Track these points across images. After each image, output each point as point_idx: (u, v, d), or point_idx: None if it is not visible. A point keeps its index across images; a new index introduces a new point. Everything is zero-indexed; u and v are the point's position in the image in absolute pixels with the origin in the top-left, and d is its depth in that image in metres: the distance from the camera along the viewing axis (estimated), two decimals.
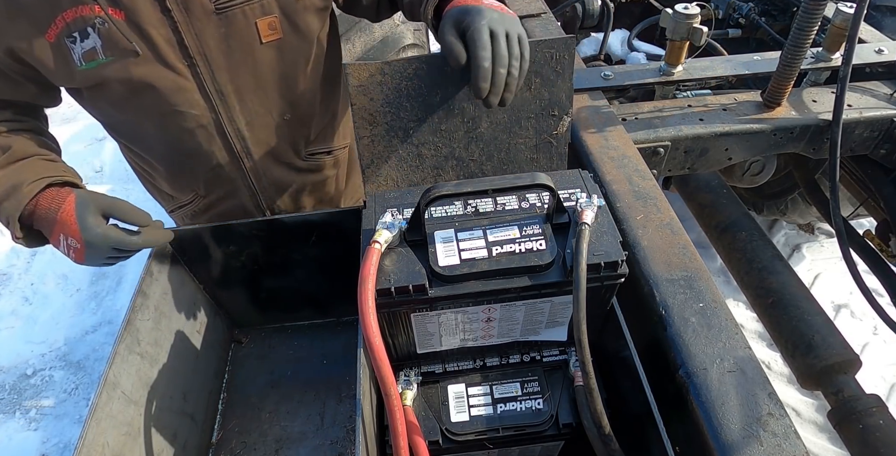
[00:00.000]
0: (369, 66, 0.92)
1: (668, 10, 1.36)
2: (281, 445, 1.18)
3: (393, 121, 0.96)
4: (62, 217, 0.93)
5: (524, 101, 0.98)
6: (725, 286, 2.36)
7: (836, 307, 2.33)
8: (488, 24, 0.83)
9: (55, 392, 2.26)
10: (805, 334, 1.29)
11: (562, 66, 0.96)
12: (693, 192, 1.82)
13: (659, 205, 1.04)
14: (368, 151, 0.98)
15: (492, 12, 0.85)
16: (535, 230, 0.81)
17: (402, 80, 0.94)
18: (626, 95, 1.84)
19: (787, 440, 0.72)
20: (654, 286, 0.90)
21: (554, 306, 0.84)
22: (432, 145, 0.99)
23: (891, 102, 1.38)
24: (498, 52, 0.82)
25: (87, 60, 0.95)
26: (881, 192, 1.51)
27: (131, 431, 0.94)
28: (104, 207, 0.95)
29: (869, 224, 2.35)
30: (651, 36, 2.30)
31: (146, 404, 0.99)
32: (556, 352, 0.97)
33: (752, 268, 1.51)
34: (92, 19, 0.91)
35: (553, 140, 1.01)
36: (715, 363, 0.80)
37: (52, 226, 0.94)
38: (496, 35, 0.83)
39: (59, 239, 0.94)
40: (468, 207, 0.85)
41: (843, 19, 1.35)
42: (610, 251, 0.79)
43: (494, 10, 0.86)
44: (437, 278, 0.78)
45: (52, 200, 0.95)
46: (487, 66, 0.82)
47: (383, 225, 0.80)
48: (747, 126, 1.33)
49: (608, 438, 0.79)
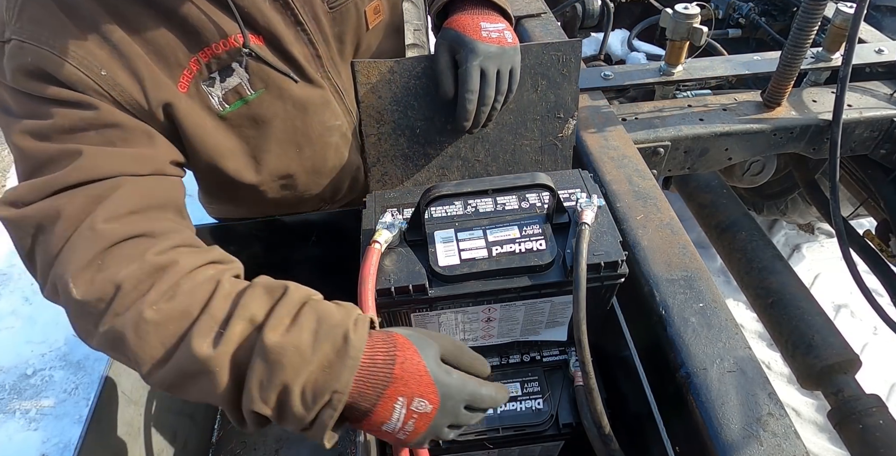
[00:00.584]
0: (379, 65, 0.92)
1: (668, 10, 1.36)
2: (281, 444, 1.18)
3: (400, 119, 0.96)
4: (405, 371, 0.59)
5: (530, 102, 0.98)
6: (725, 286, 2.36)
7: (836, 307, 2.33)
8: (480, 64, 0.84)
9: (55, 392, 2.25)
10: (805, 334, 1.29)
11: (568, 69, 0.96)
12: (693, 192, 1.82)
13: (659, 205, 1.04)
14: (375, 150, 0.98)
15: (488, 48, 0.84)
16: (536, 230, 0.81)
17: (412, 79, 0.94)
18: (626, 95, 1.84)
19: (787, 440, 0.72)
20: (654, 286, 0.90)
21: (554, 306, 0.84)
22: (438, 145, 0.99)
23: (891, 102, 1.38)
24: (485, 92, 0.85)
25: (230, 102, 0.81)
26: (881, 192, 1.51)
27: (131, 431, 0.94)
28: (445, 351, 0.64)
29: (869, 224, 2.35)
30: (651, 36, 2.30)
31: (146, 404, 0.99)
32: (556, 352, 0.98)
33: (752, 268, 1.51)
34: (236, 53, 0.78)
35: (558, 143, 1.01)
36: (715, 363, 0.80)
37: (384, 388, 0.59)
38: (486, 76, 0.85)
39: (392, 407, 0.59)
40: (468, 207, 0.85)
41: (843, 19, 1.35)
42: (610, 251, 0.79)
43: (491, 45, 0.85)
44: (437, 278, 0.78)
45: (377, 350, 0.61)
46: (471, 109, 0.86)
47: (383, 225, 0.80)
48: (747, 126, 1.33)
49: (608, 438, 0.79)
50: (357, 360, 0.59)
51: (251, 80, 0.82)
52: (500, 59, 0.86)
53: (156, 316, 0.59)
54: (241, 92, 0.81)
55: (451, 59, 0.87)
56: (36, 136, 0.68)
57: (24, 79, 0.68)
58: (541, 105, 0.98)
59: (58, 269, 0.64)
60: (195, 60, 0.76)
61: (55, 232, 0.65)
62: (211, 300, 0.61)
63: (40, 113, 0.69)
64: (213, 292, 0.62)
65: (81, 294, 0.61)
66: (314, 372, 0.57)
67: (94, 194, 0.67)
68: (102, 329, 0.61)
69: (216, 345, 0.57)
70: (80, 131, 0.69)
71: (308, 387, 0.57)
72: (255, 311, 0.60)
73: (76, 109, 0.69)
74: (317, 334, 0.59)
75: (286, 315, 0.60)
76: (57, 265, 0.64)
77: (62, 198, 0.66)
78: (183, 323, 0.59)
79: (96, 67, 0.70)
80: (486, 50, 0.84)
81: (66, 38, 0.69)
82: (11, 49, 0.68)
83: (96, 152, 0.69)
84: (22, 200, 0.67)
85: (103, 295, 0.61)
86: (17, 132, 0.69)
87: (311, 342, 0.58)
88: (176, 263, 0.64)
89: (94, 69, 0.70)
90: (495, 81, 0.86)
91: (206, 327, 0.58)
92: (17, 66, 0.68)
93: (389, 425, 0.60)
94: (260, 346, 0.57)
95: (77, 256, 0.63)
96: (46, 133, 0.68)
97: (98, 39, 0.71)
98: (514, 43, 0.88)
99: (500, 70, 0.86)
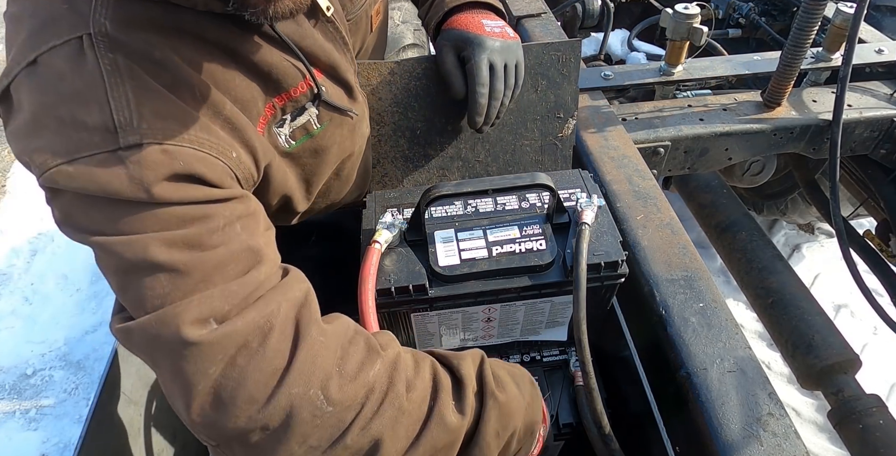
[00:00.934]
0: (379, 66, 0.92)
1: (668, 10, 1.36)
2: None
3: (400, 120, 0.96)
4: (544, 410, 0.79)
5: (530, 102, 0.98)
6: (725, 286, 2.36)
7: (836, 307, 2.33)
8: (488, 57, 0.85)
9: (55, 392, 2.25)
10: (805, 334, 1.29)
11: (568, 69, 0.96)
12: (693, 192, 1.82)
13: (659, 205, 1.04)
14: (375, 151, 0.98)
15: (493, 42, 0.86)
16: (536, 230, 0.81)
17: (412, 80, 0.94)
18: (626, 95, 1.84)
19: (787, 440, 0.72)
20: (654, 286, 0.90)
21: (554, 306, 0.84)
22: (438, 145, 0.99)
23: (891, 102, 1.38)
24: (495, 87, 0.86)
25: (296, 138, 0.75)
26: (881, 192, 1.51)
27: (131, 431, 0.94)
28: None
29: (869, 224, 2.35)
30: (651, 36, 2.30)
31: (146, 404, 0.99)
32: (556, 352, 0.97)
33: (752, 268, 1.51)
34: (311, 94, 0.74)
35: (558, 142, 1.01)
36: (715, 363, 0.80)
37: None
38: (495, 69, 0.86)
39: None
40: (468, 207, 0.85)
41: (843, 19, 1.35)
42: (610, 251, 0.79)
43: (496, 40, 0.86)
44: (437, 278, 0.78)
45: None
46: (484, 103, 0.86)
47: (383, 225, 0.80)
48: (747, 126, 1.33)
49: (608, 438, 0.79)
50: (540, 394, 0.76)
51: (319, 116, 0.77)
52: (505, 52, 0.87)
53: (410, 406, 0.61)
54: (308, 128, 0.76)
55: (456, 57, 0.87)
56: (186, 246, 0.56)
57: (173, 187, 0.56)
58: (541, 105, 0.98)
59: (296, 386, 0.55)
60: (271, 106, 0.70)
61: (273, 344, 0.56)
62: (437, 378, 0.65)
63: (185, 221, 0.57)
64: (435, 373, 0.66)
65: (336, 402, 0.56)
66: (527, 414, 0.71)
67: (293, 295, 0.61)
68: (351, 439, 0.57)
69: (462, 413, 0.64)
70: (230, 229, 0.60)
71: (521, 426, 0.70)
72: (471, 376, 0.67)
73: (224, 204, 0.60)
74: (519, 386, 0.72)
75: (492, 376, 0.69)
76: (292, 381, 0.55)
77: (266, 306, 0.57)
78: (424, 406, 0.62)
79: (227, 150, 0.61)
80: (492, 44, 0.85)
81: (193, 125, 0.59)
82: (150, 155, 0.55)
83: (265, 242, 0.63)
84: (217, 316, 0.55)
85: (355, 401, 0.58)
86: (155, 246, 0.55)
87: (519, 392, 0.71)
88: (399, 354, 0.65)
89: (228, 153, 0.61)
90: (503, 75, 0.86)
91: (446, 402, 0.64)
92: (168, 173, 0.55)
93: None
94: (494, 403, 0.65)
95: (320, 366, 0.57)
96: (196, 241, 0.57)
97: (211, 115, 0.61)
98: (515, 38, 0.89)
99: (506, 64, 0.87)
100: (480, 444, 0.65)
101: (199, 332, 0.54)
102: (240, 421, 0.54)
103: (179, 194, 0.56)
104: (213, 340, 0.54)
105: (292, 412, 0.55)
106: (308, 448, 0.56)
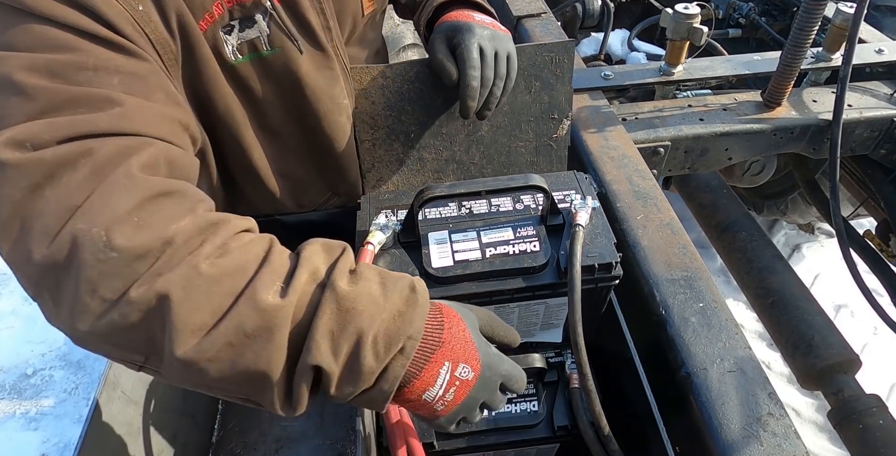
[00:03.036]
0: (371, 70, 0.92)
1: (668, 10, 1.35)
2: (281, 444, 1.18)
3: (394, 124, 0.96)
4: (452, 336, 0.60)
5: (524, 104, 0.98)
6: (725, 286, 2.36)
7: (836, 307, 2.32)
8: (478, 41, 0.85)
9: (55, 392, 2.26)
10: (805, 334, 1.29)
11: (561, 70, 0.96)
12: (693, 192, 1.82)
13: (659, 205, 1.03)
14: (370, 155, 0.98)
15: (483, 30, 0.87)
16: (529, 232, 0.81)
17: (405, 84, 0.94)
18: (626, 95, 1.84)
19: (787, 440, 0.72)
20: (654, 286, 0.90)
21: (548, 308, 0.84)
22: (433, 149, 0.99)
23: (891, 102, 1.38)
24: (485, 74, 0.85)
25: (243, 53, 0.75)
26: (881, 192, 1.51)
27: (131, 431, 0.94)
28: (482, 322, 0.66)
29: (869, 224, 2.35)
30: (651, 36, 2.30)
31: (146, 404, 0.99)
32: (551, 354, 0.97)
33: (752, 268, 1.51)
34: (261, 5, 0.74)
35: (553, 143, 1.01)
36: (715, 363, 0.80)
37: (432, 352, 0.59)
38: (485, 54, 0.85)
39: (438, 372, 0.59)
40: (462, 209, 0.85)
41: (843, 19, 1.34)
42: (604, 253, 0.79)
43: (486, 28, 0.87)
44: (431, 280, 0.78)
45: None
46: (476, 86, 0.85)
47: (377, 226, 0.80)
48: (747, 126, 1.32)
49: (607, 439, 0.79)
50: (426, 307, 0.59)
51: (270, 37, 0.76)
52: (496, 40, 0.87)
53: (211, 270, 0.53)
54: (257, 45, 0.76)
55: (447, 46, 0.88)
56: (48, 73, 0.55)
57: (57, 3, 0.56)
58: (535, 106, 0.98)
59: (81, 221, 0.52)
60: (219, 4, 0.70)
61: (78, 179, 0.53)
62: (268, 255, 0.56)
63: (58, 46, 0.56)
64: (270, 249, 0.57)
65: (121, 248, 0.51)
66: (386, 320, 0.55)
67: (126, 145, 0.56)
68: (136, 293, 0.51)
69: (283, 296, 0.53)
70: (104, 75, 0.58)
71: (381, 335, 0.55)
72: (318, 264, 0.57)
73: (107, 49, 0.58)
74: (384, 286, 0.58)
75: (348, 269, 0.58)
76: (80, 217, 0.52)
77: (91, 143, 0.55)
78: (239, 279, 0.54)
79: (134, 1, 0.61)
80: (482, 31, 0.86)
81: None
82: None
83: (136, 104, 0.59)
84: (35, 141, 0.53)
85: (147, 251, 0.52)
86: (19, 66, 0.55)
87: (381, 292, 0.57)
88: (229, 221, 0.58)
89: (133, 3, 0.60)
90: (493, 62, 0.86)
91: (268, 281, 0.54)
92: None
93: (431, 393, 0.59)
94: (331, 294, 0.54)
95: (112, 206, 0.53)
96: (60, 71, 0.56)
97: None
98: (506, 32, 0.90)
99: (497, 53, 0.87)
100: (308, 343, 0.53)
101: (11, 154, 0.52)
102: (35, 256, 0.52)
103: (60, 12, 0.55)
104: (19, 162, 0.52)
105: (74, 249, 0.51)
106: (101, 301, 0.51)
